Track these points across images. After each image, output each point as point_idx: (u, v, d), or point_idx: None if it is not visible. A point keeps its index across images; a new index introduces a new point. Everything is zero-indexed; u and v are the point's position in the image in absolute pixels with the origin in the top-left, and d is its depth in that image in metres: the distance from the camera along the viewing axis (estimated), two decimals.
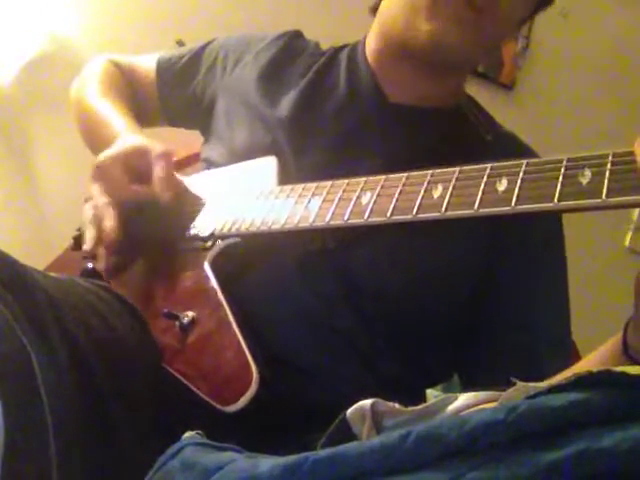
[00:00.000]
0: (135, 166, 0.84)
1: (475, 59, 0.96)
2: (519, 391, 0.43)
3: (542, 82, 2.20)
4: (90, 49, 1.81)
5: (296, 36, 1.04)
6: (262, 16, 1.93)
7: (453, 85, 0.95)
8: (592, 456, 0.34)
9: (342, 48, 1.00)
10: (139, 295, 0.82)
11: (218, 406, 0.68)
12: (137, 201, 0.83)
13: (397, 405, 0.53)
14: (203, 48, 1.08)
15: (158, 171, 0.83)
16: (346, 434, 0.52)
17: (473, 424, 0.38)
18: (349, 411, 0.53)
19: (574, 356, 0.94)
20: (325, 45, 1.04)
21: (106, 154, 0.85)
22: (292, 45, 1.01)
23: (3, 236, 1.73)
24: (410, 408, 0.52)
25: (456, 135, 0.91)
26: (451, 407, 0.50)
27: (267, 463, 0.41)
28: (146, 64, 1.12)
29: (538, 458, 0.36)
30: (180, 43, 1.88)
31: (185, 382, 0.72)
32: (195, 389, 0.71)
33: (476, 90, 1.07)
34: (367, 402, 0.52)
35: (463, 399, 0.50)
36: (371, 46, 0.94)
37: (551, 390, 0.39)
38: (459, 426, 0.38)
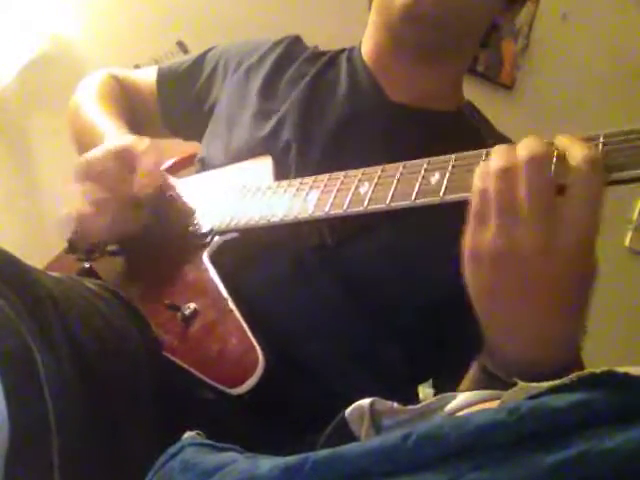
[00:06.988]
0: (123, 164, 0.83)
1: (459, 38, 0.91)
2: (520, 391, 0.43)
3: (542, 82, 2.19)
4: (90, 50, 1.81)
5: (296, 41, 1.05)
6: (262, 16, 1.93)
7: (450, 81, 0.96)
8: (594, 457, 0.34)
9: (342, 51, 1.01)
10: (139, 290, 0.82)
11: (225, 389, 0.67)
12: (130, 199, 0.82)
13: (395, 404, 0.53)
14: (204, 55, 1.09)
15: (140, 166, 0.82)
16: (345, 434, 0.52)
17: (474, 425, 0.38)
18: (348, 410, 0.53)
19: None
20: (324, 47, 1.05)
21: (92, 154, 0.84)
22: (292, 49, 1.03)
23: (2, 236, 1.73)
24: (409, 407, 0.52)
25: (458, 137, 0.91)
26: (450, 406, 0.50)
27: (267, 464, 0.41)
28: (147, 74, 1.13)
29: (540, 459, 0.35)
30: (180, 44, 1.88)
31: (190, 370, 0.71)
32: (200, 374, 0.70)
33: (476, 90, 1.08)
34: (366, 401, 0.52)
35: (462, 398, 0.50)
36: (366, 47, 0.96)
37: (553, 390, 0.39)
38: (460, 426, 0.38)
